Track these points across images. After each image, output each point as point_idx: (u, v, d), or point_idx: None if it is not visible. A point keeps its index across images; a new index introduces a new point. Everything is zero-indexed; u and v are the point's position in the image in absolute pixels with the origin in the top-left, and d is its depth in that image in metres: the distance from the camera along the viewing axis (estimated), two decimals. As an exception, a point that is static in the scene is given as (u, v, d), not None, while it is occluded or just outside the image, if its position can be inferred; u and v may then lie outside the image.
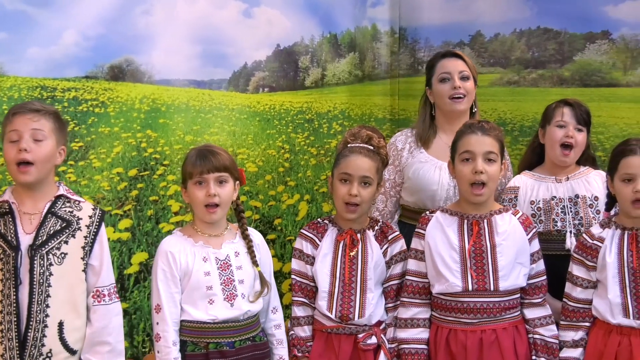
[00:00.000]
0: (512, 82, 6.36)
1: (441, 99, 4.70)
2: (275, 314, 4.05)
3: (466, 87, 4.66)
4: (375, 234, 4.13)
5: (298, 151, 5.83)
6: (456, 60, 4.72)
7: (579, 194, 4.41)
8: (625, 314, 3.83)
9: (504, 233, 3.95)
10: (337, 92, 6.22)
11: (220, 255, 3.86)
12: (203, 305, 3.82)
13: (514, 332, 3.95)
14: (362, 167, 4.02)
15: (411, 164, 4.70)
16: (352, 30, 6.28)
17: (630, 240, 3.86)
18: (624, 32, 5.99)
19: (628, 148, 3.86)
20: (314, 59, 5.98)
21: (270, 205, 5.60)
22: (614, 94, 6.08)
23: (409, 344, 4.00)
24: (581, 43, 6.12)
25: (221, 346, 3.80)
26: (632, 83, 6.02)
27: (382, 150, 4.14)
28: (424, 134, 4.74)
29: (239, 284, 3.85)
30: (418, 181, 4.65)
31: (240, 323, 3.85)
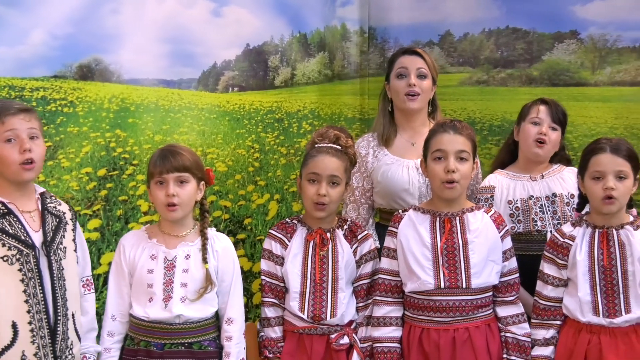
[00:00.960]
0: (481, 81, 6.37)
1: (396, 95, 4.71)
2: (230, 326, 3.98)
3: (422, 85, 4.66)
4: (344, 233, 4.15)
5: (268, 150, 5.81)
6: (415, 58, 4.72)
7: (556, 193, 4.45)
8: (595, 312, 3.87)
9: (476, 231, 3.97)
10: (306, 92, 6.21)
11: (170, 255, 3.88)
12: (144, 301, 3.86)
13: (486, 331, 3.97)
14: (330, 166, 4.04)
15: (378, 168, 4.70)
16: (321, 29, 6.28)
17: (601, 239, 3.89)
18: (592, 31, 6.02)
19: (598, 146, 3.90)
20: (284, 59, 5.97)
21: (240, 204, 5.58)
22: (582, 94, 6.11)
23: (381, 342, 4.02)
24: (550, 43, 6.15)
25: (150, 345, 3.83)
26: (600, 82, 6.05)
27: (350, 150, 4.16)
28: (385, 132, 4.74)
29: (180, 286, 3.85)
30: (388, 183, 4.66)
31: (175, 327, 3.85)
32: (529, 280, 4.12)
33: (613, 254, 3.86)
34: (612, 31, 5.98)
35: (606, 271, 3.86)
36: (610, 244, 3.87)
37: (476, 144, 4.09)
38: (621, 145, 3.86)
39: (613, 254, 3.86)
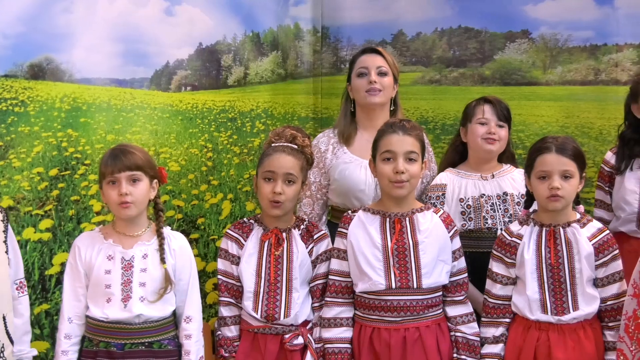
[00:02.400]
0: (434, 80, 6.41)
1: (358, 93, 4.73)
2: (188, 324, 3.97)
3: (383, 82, 4.68)
4: (301, 233, 4.14)
5: (221, 150, 5.81)
6: (375, 56, 4.75)
7: (507, 192, 4.48)
8: (543, 310, 3.91)
9: (426, 231, 3.99)
10: (260, 91, 6.21)
11: (127, 255, 3.86)
12: (101, 302, 3.82)
13: (436, 330, 3.99)
14: (285, 165, 4.05)
15: (336, 165, 4.71)
16: (274, 28, 6.28)
17: (548, 237, 3.93)
18: (543, 31, 6.09)
19: (544, 146, 3.93)
20: (237, 58, 5.96)
21: (193, 204, 5.57)
22: (534, 93, 6.17)
23: (332, 343, 4.02)
24: (501, 42, 6.20)
25: (110, 346, 3.81)
26: (551, 81, 6.12)
27: (306, 150, 4.16)
28: (346, 130, 4.76)
29: (138, 286, 3.84)
30: (345, 182, 4.67)
31: (134, 326, 3.83)
32: (479, 277, 4.15)
33: (560, 252, 3.91)
34: (563, 31, 6.05)
35: (554, 269, 3.90)
36: (557, 242, 3.91)
37: (425, 143, 4.11)
38: (567, 145, 3.90)
39: (560, 252, 3.91)
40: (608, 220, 4.75)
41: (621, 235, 4.63)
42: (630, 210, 4.57)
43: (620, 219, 4.63)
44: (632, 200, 4.55)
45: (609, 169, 4.70)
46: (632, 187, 4.57)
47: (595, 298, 3.91)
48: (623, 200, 4.59)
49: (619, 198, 4.62)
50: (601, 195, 4.78)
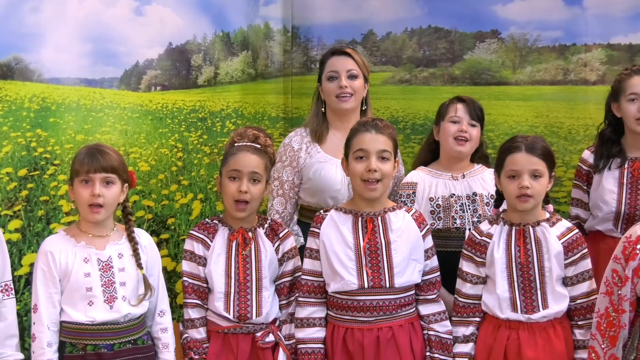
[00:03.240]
0: (404, 80, 6.42)
1: (329, 97, 4.74)
2: (162, 318, 4.02)
3: (354, 85, 4.69)
4: (265, 231, 4.15)
5: (191, 150, 5.79)
6: (345, 59, 4.75)
7: (477, 192, 4.50)
8: (513, 309, 3.93)
9: (398, 230, 4.00)
10: (230, 91, 6.19)
11: (103, 256, 3.84)
12: (82, 306, 3.79)
13: (409, 329, 4.01)
14: (250, 163, 4.05)
15: (310, 165, 4.71)
16: (244, 28, 6.26)
17: (518, 236, 3.96)
18: (512, 31, 6.11)
19: (514, 145, 3.96)
20: (207, 58, 5.95)
21: (163, 204, 5.55)
22: (504, 92, 6.19)
23: (305, 343, 4.03)
24: (471, 42, 6.22)
25: (99, 348, 3.79)
26: (520, 81, 6.14)
27: (269, 149, 4.17)
28: (318, 129, 4.77)
29: (120, 286, 3.83)
30: (320, 181, 4.68)
31: (120, 325, 3.83)
32: (446, 276, 4.16)
33: (530, 250, 3.93)
34: (532, 31, 6.08)
35: (523, 268, 3.93)
36: (527, 240, 3.94)
37: (397, 143, 4.12)
38: (536, 144, 3.93)
39: (530, 250, 3.93)
40: (584, 218, 4.77)
41: (598, 234, 4.66)
42: (608, 209, 4.58)
43: (598, 218, 4.65)
44: (610, 199, 4.57)
45: (587, 168, 4.71)
46: (610, 187, 4.58)
47: (564, 296, 3.94)
48: (601, 200, 4.60)
49: (596, 197, 4.64)
50: (579, 194, 4.79)
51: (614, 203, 4.56)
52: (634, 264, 3.69)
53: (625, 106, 4.51)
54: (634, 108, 4.47)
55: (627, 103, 4.50)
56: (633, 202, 4.53)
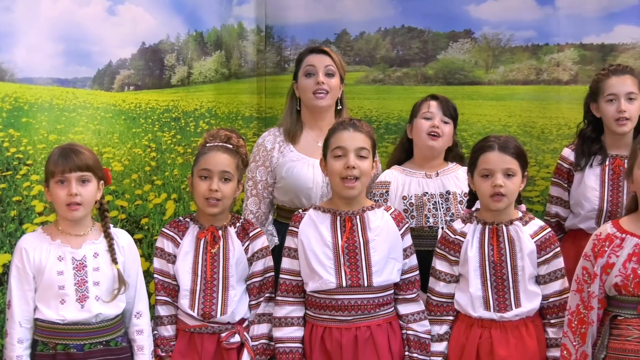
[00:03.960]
0: (378, 80, 6.44)
1: (305, 93, 4.72)
2: (139, 319, 3.99)
3: (330, 83, 4.69)
4: (236, 230, 4.15)
5: (165, 150, 5.78)
6: (323, 56, 4.75)
7: (450, 190, 4.51)
8: (486, 307, 3.95)
9: (377, 229, 4.01)
10: (203, 90, 6.19)
11: (78, 255, 3.83)
12: (55, 304, 3.78)
13: (388, 329, 4.01)
14: (221, 162, 4.06)
15: (283, 164, 4.71)
16: (218, 28, 6.26)
17: (491, 235, 3.97)
18: (485, 31, 6.14)
19: (487, 144, 3.97)
20: (180, 57, 5.93)
21: (136, 204, 5.54)
22: (477, 92, 6.22)
23: (283, 342, 4.02)
24: (444, 42, 6.25)
25: (69, 348, 3.78)
26: (493, 81, 6.17)
27: (241, 150, 4.17)
28: (292, 129, 4.76)
29: (93, 285, 3.82)
30: (292, 180, 4.67)
31: (92, 326, 3.81)
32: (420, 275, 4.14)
33: (503, 249, 3.95)
34: (505, 31, 6.12)
35: (496, 266, 3.95)
36: (500, 239, 3.96)
37: (375, 142, 4.13)
38: (509, 143, 3.95)
39: (503, 249, 3.95)
40: (564, 216, 4.78)
41: (579, 232, 4.67)
42: (590, 207, 4.59)
43: (580, 216, 4.66)
44: (592, 197, 4.59)
45: (567, 166, 4.72)
46: (592, 184, 4.59)
47: (537, 295, 3.96)
48: (583, 197, 4.61)
49: (578, 195, 4.65)
50: (558, 192, 4.79)
51: (596, 201, 4.58)
52: (602, 261, 3.72)
53: (603, 107, 4.54)
54: (613, 109, 4.50)
55: (606, 104, 4.52)
56: (615, 200, 4.56)
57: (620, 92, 4.49)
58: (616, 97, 4.49)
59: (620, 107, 4.47)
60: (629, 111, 4.48)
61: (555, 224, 4.73)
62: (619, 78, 4.54)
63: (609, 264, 3.71)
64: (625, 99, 4.48)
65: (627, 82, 4.53)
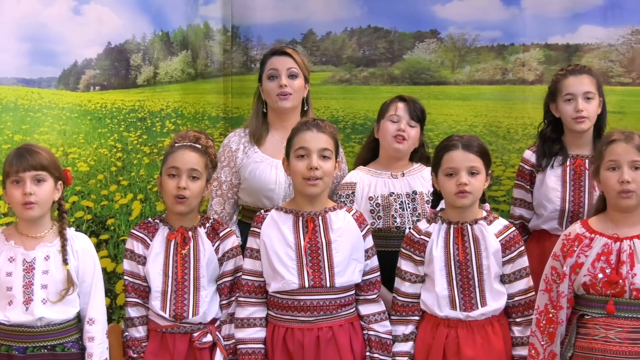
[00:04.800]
0: (344, 80, 6.45)
1: (269, 96, 4.72)
2: (91, 326, 3.93)
3: (293, 85, 4.68)
4: (206, 231, 4.14)
5: (131, 150, 5.76)
6: (285, 58, 4.74)
7: (416, 190, 4.53)
8: (452, 307, 3.95)
9: (339, 230, 4.01)
10: (169, 91, 6.17)
11: (28, 257, 3.81)
12: (3, 305, 3.76)
13: (350, 329, 4.01)
14: (189, 160, 4.05)
15: (247, 165, 4.70)
16: (184, 28, 6.24)
17: (456, 234, 3.98)
18: (451, 31, 6.17)
19: (450, 143, 3.98)
20: (146, 57, 5.92)
21: (102, 205, 5.51)
22: (443, 92, 6.25)
23: (245, 343, 4.01)
24: (410, 42, 6.27)
25: (11, 350, 3.75)
26: (459, 81, 6.20)
27: (210, 150, 4.16)
28: (257, 131, 4.76)
29: (40, 288, 3.78)
30: (255, 181, 4.66)
31: (36, 329, 3.78)
32: (387, 276, 4.17)
33: (468, 248, 3.96)
34: (471, 31, 6.15)
35: (462, 266, 3.95)
36: (465, 239, 3.96)
37: (339, 142, 4.14)
38: (472, 142, 3.96)
39: (468, 248, 3.96)
40: (528, 218, 4.79)
41: (543, 233, 4.69)
42: (552, 207, 4.61)
43: (543, 217, 4.67)
44: (554, 197, 4.61)
45: (529, 168, 4.74)
46: (553, 185, 4.61)
47: (502, 294, 3.97)
48: (545, 198, 4.63)
49: (540, 196, 4.67)
50: (521, 194, 4.81)
51: (558, 201, 4.60)
52: (572, 261, 3.74)
53: (562, 107, 4.56)
54: (571, 108, 4.53)
55: (564, 103, 4.55)
56: (577, 200, 4.58)
57: (577, 91, 4.52)
58: (574, 96, 4.52)
59: (577, 107, 4.50)
60: (586, 110, 4.51)
61: (519, 225, 4.75)
62: (577, 78, 4.57)
63: (578, 264, 3.74)
64: (583, 99, 4.51)
65: (585, 81, 4.56)
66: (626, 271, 3.66)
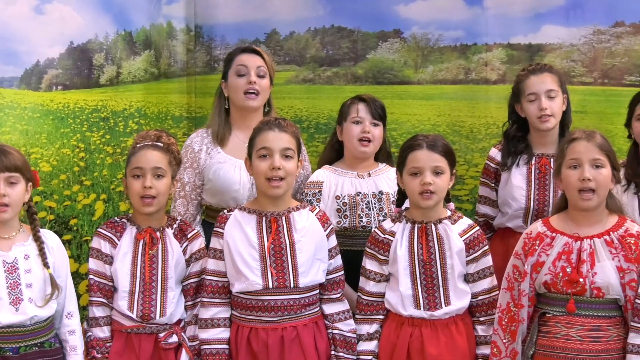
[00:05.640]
0: (308, 79, 6.45)
1: (235, 93, 4.70)
2: (70, 320, 3.95)
3: (261, 84, 4.68)
4: (174, 232, 4.13)
5: (94, 150, 5.73)
6: (255, 57, 4.74)
7: (383, 190, 4.54)
8: (416, 306, 3.97)
9: (303, 229, 4.01)
10: (132, 90, 6.15)
11: (8, 258, 3.77)
12: None
13: (314, 328, 4.02)
14: (153, 159, 4.04)
15: (210, 165, 4.69)
16: (147, 27, 6.22)
17: (420, 234, 3.99)
18: (414, 31, 6.19)
19: (415, 143, 3.99)
20: (109, 57, 5.89)
21: (65, 205, 5.48)
22: (406, 92, 6.27)
23: (209, 344, 4.01)
24: (374, 41, 6.28)
25: (4, 351, 3.71)
26: (423, 81, 6.22)
27: (172, 147, 4.16)
28: (220, 130, 4.74)
29: (26, 288, 3.76)
30: (219, 182, 4.66)
31: (27, 328, 3.75)
32: (353, 275, 4.18)
33: (432, 248, 3.97)
34: (434, 30, 6.17)
35: (426, 265, 3.97)
36: (430, 238, 3.98)
37: (301, 141, 4.14)
38: (437, 142, 3.97)
39: (432, 248, 3.97)
40: (493, 216, 4.82)
41: (507, 230, 4.72)
42: (517, 206, 4.64)
43: (508, 215, 4.70)
44: (518, 196, 4.63)
45: (494, 166, 4.76)
46: (518, 184, 4.63)
47: (466, 293, 3.99)
48: (510, 197, 4.66)
49: (505, 194, 4.69)
50: (486, 192, 4.83)
51: (523, 200, 4.62)
52: (533, 260, 3.78)
53: (526, 106, 4.59)
54: (535, 107, 4.55)
55: (528, 103, 4.57)
56: (541, 198, 4.60)
57: (540, 90, 4.55)
58: (537, 95, 4.54)
59: (541, 105, 4.52)
60: (550, 108, 4.53)
61: (484, 223, 4.77)
62: (538, 77, 4.60)
63: (539, 263, 3.77)
64: (546, 97, 4.54)
65: (546, 80, 4.58)
66: (587, 270, 3.69)
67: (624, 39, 5.86)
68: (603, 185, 3.73)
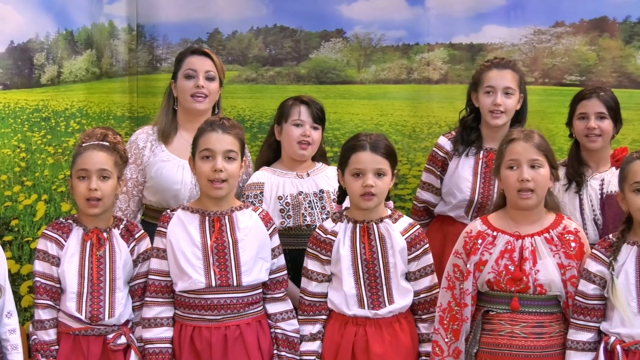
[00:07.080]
0: (250, 79, 6.44)
1: (183, 95, 4.70)
2: (10, 319, 3.92)
3: (210, 87, 4.68)
4: (121, 232, 4.12)
5: (35, 150, 5.68)
6: (205, 59, 4.74)
7: (323, 189, 4.56)
8: (360, 305, 3.99)
9: (246, 229, 4.02)
10: (74, 90, 6.10)
11: None
12: None
13: (257, 327, 4.03)
14: (98, 160, 4.01)
15: (153, 163, 4.68)
16: (88, 27, 6.17)
17: (362, 233, 4.01)
18: (357, 30, 6.21)
19: (358, 144, 4.01)
20: (50, 56, 5.84)
21: (6, 206, 5.43)
22: (349, 91, 6.28)
23: (153, 343, 4.00)
24: (316, 41, 6.29)
25: None
26: (365, 80, 6.24)
27: (119, 146, 4.13)
28: (166, 130, 4.73)
29: None
30: (161, 180, 4.65)
31: None
32: (299, 274, 4.19)
33: (375, 247, 3.99)
34: (376, 30, 6.19)
35: (369, 264, 3.99)
36: (372, 237, 4.00)
37: (245, 142, 4.14)
38: (380, 143, 3.99)
39: (375, 247, 3.99)
40: (434, 203, 4.87)
41: (447, 218, 4.79)
42: (461, 197, 4.68)
43: (451, 205, 4.74)
44: (464, 187, 4.67)
45: (442, 154, 4.79)
46: (465, 175, 4.68)
47: (409, 291, 4.02)
48: (455, 187, 4.69)
49: (451, 184, 4.73)
50: (431, 179, 4.85)
51: (468, 191, 4.67)
52: (476, 259, 3.82)
53: (481, 98, 4.64)
54: (489, 101, 4.60)
55: (484, 95, 4.62)
56: (486, 192, 4.65)
57: (498, 85, 4.60)
58: (494, 90, 4.59)
59: (496, 100, 4.58)
60: (504, 105, 4.58)
61: (423, 209, 4.81)
62: (499, 72, 4.65)
63: (482, 261, 3.81)
64: (502, 93, 4.59)
65: (507, 76, 4.63)
66: (529, 268, 3.75)
67: (564, 39, 5.93)
68: (541, 185, 3.79)
